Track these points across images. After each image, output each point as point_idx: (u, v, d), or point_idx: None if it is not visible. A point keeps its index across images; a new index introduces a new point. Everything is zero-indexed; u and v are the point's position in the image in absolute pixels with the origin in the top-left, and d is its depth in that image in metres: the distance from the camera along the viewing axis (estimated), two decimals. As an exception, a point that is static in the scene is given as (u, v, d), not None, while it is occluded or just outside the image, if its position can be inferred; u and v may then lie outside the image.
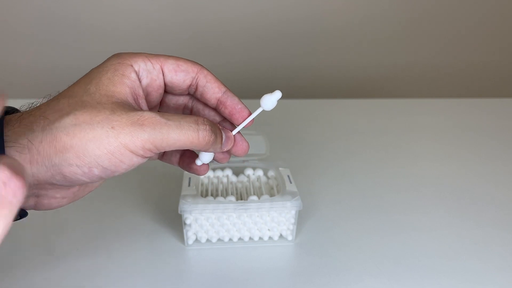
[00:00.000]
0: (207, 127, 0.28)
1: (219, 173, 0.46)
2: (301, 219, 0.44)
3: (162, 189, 0.49)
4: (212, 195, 0.43)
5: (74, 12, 1.05)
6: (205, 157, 0.32)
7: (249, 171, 0.46)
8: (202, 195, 0.42)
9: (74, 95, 0.27)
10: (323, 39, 1.13)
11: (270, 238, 0.41)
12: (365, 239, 0.42)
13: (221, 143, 0.30)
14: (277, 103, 0.32)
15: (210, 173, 0.46)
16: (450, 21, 1.15)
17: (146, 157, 0.27)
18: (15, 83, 1.09)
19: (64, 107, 0.26)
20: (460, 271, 0.38)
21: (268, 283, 0.36)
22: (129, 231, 0.42)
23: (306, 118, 0.73)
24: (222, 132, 0.30)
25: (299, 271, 0.38)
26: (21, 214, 0.27)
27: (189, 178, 0.42)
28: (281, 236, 0.41)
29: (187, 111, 0.34)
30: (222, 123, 0.33)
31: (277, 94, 0.31)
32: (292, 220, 0.40)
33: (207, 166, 0.33)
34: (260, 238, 0.41)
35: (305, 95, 1.13)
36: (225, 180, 0.46)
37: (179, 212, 0.38)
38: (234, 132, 0.32)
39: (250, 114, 0.31)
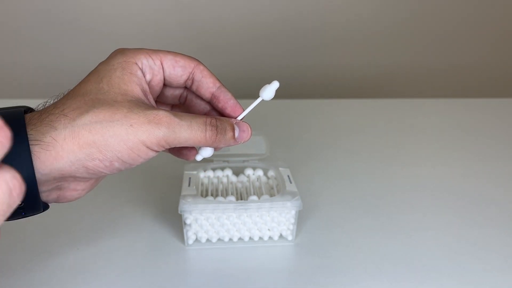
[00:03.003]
0: (213, 128, 0.30)
1: (219, 173, 0.46)
2: (301, 219, 0.44)
3: (162, 189, 0.49)
4: (212, 195, 0.43)
5: (73, 12, 1.05)
6: (205, 152, 0.33)
7: (249, 171, 0.46)
8: (202, 195, 0.42)
9: (87, 93, 0.28)
10: (323, 39, 1.13)
11: (270, 238, 0.41)
12: (365, 239, 0.42)
13: (233, 138, 0.32)
14: (277, 104, 0.33)
15: (210, 173, 0.46)
16: (450, 21, 1.15)
17: (159, 151, 0.29)
18: (15, 83, 1.09)
19: (81, 105, 0.27)
20: (460, 272, 0.38)
21: (268, 283, 0.36)
22: (129, 231, 0.42)
23: (306, 118, 0.73)
24: (236, 126, 0.32)
25: (299, 271, 0.38)
26: (44, 207, 0.29)
27: (189, 178, 0.42)
28: (281, 236, 0.41)
29: (182, 100, 0.36)
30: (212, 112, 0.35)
31: (275, 84, 0.33)
32: (292, 220, 0.40)
33: (195, 152, 0.35)
34: (260, 238, 0.41)
35: (305, 95, 1.13)
36: (225, 180, 0.46)
37: (179, 212, 0.38)
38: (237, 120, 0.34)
39: (242, 109, 0.34)
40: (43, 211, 0.29)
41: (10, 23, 1.05)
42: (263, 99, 0.33)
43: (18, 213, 0.27)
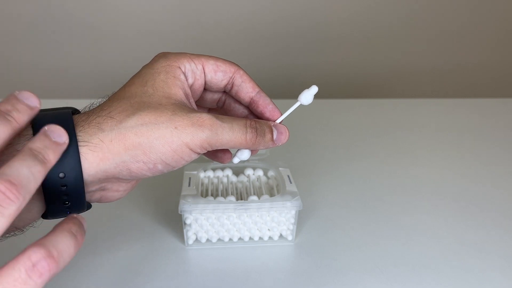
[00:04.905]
0: (253, 130, 0.31)
1: (219, 173, 0.46)
2: (301, 219, 0.44)
3: (162, 189, 0.49)
4: (212, 195, 0.43)
5: (75, 12, 1.05)
6: (242, 155, 0.34)
7: (249, 171, 0.46)
8: (202, 195, 0.42)
9: (133, 96, 0.29)
10: (323, 40, 1.13)
11: (270, 238, 0.41)
12: (365, 240, 0.42)
13: (272, 140, 0.32)
14: (277, 104, 0.34)
15: (210, 173, 0.46)
16: (450, 21, 1.15)
17: (201, 153, 0.29)
18: (18, 82, 1.09)
19: (127, 107, 0.28)
20: (460, 272, 0.38)
21: (268, 283, 0.36)
22: (129, 231, 0.42)
23: (306, 118, 0.73)
24: (274, 129, 0.32)
25: (299, 271, 0.38)
26: (87, 206, 0.29)
27: (189, 178, 0.42)
28: (281, 236, 0.41)
29: (220, 104, 0.36)
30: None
31: (314, 89, 0.34)
32: (292, 220, 0.40)
33: (230, 155, 0.35)
34: (260, 238, 0.41)
35: (305, 95, 1.13)
36: (225, 180, 0.46)
37: (179, 212, 0.38)
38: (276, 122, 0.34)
39: (280, 113, 0.34)
40: (86, 210, 0.30)
41: (10, 22, 1.05)
42: (301, 104, 0.34)
43: (64, 212, 0.28)
